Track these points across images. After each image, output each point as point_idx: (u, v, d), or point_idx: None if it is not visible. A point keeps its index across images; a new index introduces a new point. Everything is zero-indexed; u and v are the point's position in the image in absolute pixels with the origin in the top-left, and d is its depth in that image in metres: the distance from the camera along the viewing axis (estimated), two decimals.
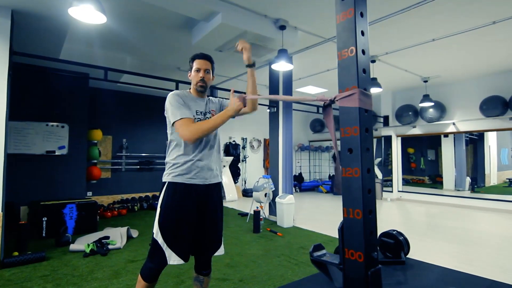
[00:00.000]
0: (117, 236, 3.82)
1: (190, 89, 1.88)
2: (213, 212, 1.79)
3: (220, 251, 1.83)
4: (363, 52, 0.92)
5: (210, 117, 1.80)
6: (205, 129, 1.62)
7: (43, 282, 2.63)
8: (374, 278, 0.84)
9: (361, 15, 0.90)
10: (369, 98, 0.91)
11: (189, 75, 1.85)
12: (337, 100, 0.91)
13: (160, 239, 1.65)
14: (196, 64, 1.79)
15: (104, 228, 4.34)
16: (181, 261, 1.66)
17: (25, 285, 2.57)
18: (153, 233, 1.69)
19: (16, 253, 3.20)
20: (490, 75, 6.29)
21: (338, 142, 0.97)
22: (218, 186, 1.85)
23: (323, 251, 1.52)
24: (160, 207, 1.70)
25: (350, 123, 0.90)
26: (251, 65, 1.88)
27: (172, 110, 1.68)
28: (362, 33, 0.90)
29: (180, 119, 1.65)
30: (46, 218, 4.04)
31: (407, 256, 3.22)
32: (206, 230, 1.77)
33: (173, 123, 1.67)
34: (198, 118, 1.75)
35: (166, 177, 1.73)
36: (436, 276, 2.80)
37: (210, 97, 1.94)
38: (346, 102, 0.89)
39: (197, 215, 1.73)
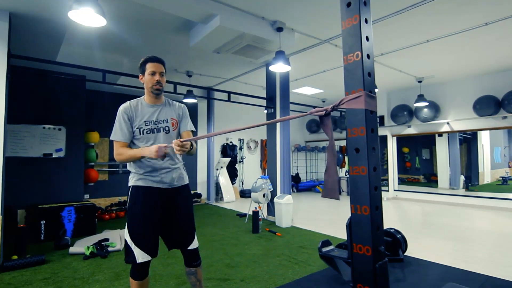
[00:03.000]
0: (116, 238, 3.82)
1: (144, 95, 1.88)
2: (177, 211, 1.84)
3: (193, 245, 1.86)
4: (368, 56, 0.96)
5: (164, 126, 1.81)
6: (123, 158, 1.73)
7: (44, 285, 2.63)
8: (381, 271, 0.88)
9: (366, 21, 0.94)
10: (374, 100, 0.96)
11: (141, 79, 1.85)
12: (343, 103, 0.96)
13: (128, 239, 1.75)
14: (150, 67, 1.79)
15: (102, 231, 4.34)
16: (149, 257, 1.74)
17: None
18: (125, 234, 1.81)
19: (15, 257, 3.19)
20: (483, 75, 6.41)
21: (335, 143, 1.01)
22: (183, 188, 1.89)
23: (331, 247, 1.58)
24: (127, 211, 1.82)
25: (356, 124, 0.94)
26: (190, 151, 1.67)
27: (113, 127, 1.81)
28: (367, 39, 0.95)
29: (112, 140, 1.80)
30: (44, 221, 4.03)
31: (405, 254, 3.28)
32: (173, 228, 1.84)
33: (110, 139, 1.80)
34: (147, 129, 1.78)
35: (130, 182, 1.82)
36: (433, 272, 2.86)
37: (170, 101, 1.92)
38: (352, 104, 0.93)
39: (160, 215, 1.80)
